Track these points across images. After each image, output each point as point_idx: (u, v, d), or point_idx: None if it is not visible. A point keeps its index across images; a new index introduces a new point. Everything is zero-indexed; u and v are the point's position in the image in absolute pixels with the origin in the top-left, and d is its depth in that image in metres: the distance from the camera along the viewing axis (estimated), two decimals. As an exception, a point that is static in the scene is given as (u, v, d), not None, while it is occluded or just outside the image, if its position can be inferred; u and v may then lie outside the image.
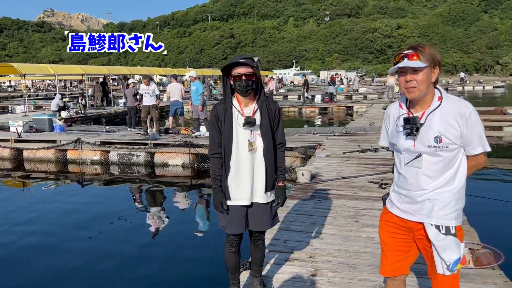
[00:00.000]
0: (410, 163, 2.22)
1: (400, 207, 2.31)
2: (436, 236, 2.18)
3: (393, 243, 2.37)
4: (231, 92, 3.01)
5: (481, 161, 2.21)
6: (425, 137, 2.15)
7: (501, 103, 27.95)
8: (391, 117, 2.35)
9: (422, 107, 2.20)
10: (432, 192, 2.18)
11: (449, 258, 2.17)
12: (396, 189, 2.36)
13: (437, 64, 2.13)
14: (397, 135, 2.28)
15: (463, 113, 2.10)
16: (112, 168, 11.02)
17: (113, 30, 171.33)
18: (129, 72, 24.62)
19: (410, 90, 2.13)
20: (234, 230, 3.06)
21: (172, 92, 12.90)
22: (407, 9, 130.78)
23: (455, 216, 2.20)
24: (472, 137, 2.11)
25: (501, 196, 7.18)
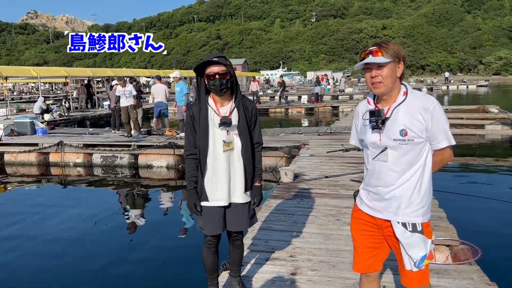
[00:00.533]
0: (377, 157, 2.24)
1: (369, 205, 2.32)
2: (402, 233, 2.20)
3: (364, 240, 2.38)
4: (206, 91, 2.98)
5: (446, 155, 2.22)
6: (391, 131, 2.17)
7: (484, 101, 28.35)
8: (360, 114, 2.38)
9: (388, 102, 2.22)
10: (399, 188, 2.20)
11: (416, 255, 2.19)
12: (365, 186, 2.38)
13: (401, 59, 2.17)
14: (365, 130, 2.30)
15: (428, 107, 2.13)
16: (95, 170, 10.90)
17: (98, 31, 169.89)
18: (113, 74, 24.34)
19: (376, 85, 2.16)
20: (212, 231, 3.03)
21: (156, 93, 12.81)
22: (392, 9, 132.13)
23: (422, 213, 2.21)
24: (437, 131, 2.14)
25: (480, 193, 7.28)
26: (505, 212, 6.51)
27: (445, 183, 7.97)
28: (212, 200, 2.97)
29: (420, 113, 2.13)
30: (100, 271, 5.14)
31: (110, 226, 6.88)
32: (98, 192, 9.37)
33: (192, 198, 2.98)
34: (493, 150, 12.80)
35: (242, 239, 3.26)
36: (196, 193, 2.98)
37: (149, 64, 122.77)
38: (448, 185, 7.69)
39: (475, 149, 12.61)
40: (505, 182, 9.07)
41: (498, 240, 5.57)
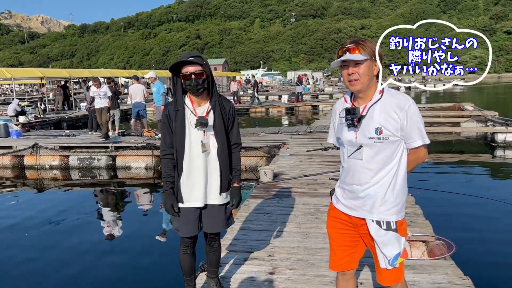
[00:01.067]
0: (352, 155, 2.24)
1: (345, 203, 2.33)
2: (377, 231, 2.21)
3: (341, 238, 2.38)
4: (183, 91, 2.94)
5: (421, 154, 2.23)
6: (366, 129, 2.17)
7: (460, 99, 28.96)
8: (337, 112, 2.38)
9: (364, 100, 2.23)
10: (374, 187, 2.20)
11: (390, 253, 2.21)
12: (341, 184, 2.38)
13: (378, 57, 2.18)
14: (341, 128, 2.30)
15: (403, 106, 2.13)
16: (72, 173, 10.69)
17: (75, 32, 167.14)
18: (91, 75, 23.92)
19: (352, 82, 2.16)
20: (188, 233, 2.99)
21: (134, 94, 12.65)
22: (370, 10, 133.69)
23: (396, 211, 2.22)
24: (411, 130, 2.14)
25: (456, 189, 7.42)
26: (479, 207, 6.65)
27: (421, 180, 8.10)
28: (188, 201, 2.93)
29: (395, 111, 2.13)
30: (75, 275, 5.03)
31: (87, 229, 6.76)
32: (75, 195, 9.19)
33: (169, 199, 2.93)
34: (469, 147, 13.07)
35: (219, 240, 3.23)
36: (173, 194, 2.94)
37: (128, 64, 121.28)
38: (424, 182, 7.82)
39: (451, 146, 12.86)
40: (479, 178, 9.28)
41: (472, 235, 5.68)
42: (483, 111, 15.66)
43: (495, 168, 10.26)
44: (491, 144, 12.15)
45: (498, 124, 13.03)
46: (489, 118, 14.32)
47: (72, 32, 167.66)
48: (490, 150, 11.94)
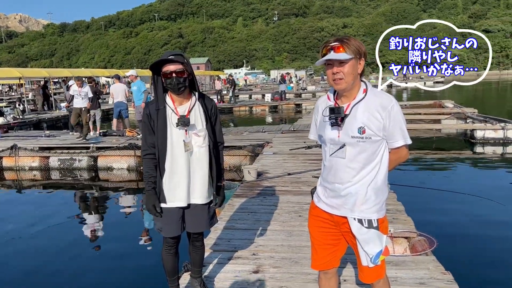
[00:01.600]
0: (335, 153, 2.24)
1: (326, 202, 2.33)
2: (359, 230, 2.22)
3: (322, 237, 2.38)
4: (164, 90, 2.90)
5: (402, 154, 2.25)
6: (349, 128, 2.17)
7: (440, 97, 29.43)
8: (319, 109, 2.36)
9: (348, 99, 2.22)
10: (355, 185, 2.21)
11: (372, 251, 2.22)
12: (322, 183, 2.38)
13: (363, 55, 2.16)
14: (324, 126, 2.29)
15: (386, 106, 2.14)
16: (52, 174, 10.50)
17: (54, 30, 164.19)
18: (71, 75, 23.49)
19: (337, 82, 2.14)
20: (171, 233, 2.96)
21: (116, 93, 12.49)
22: (352, 8, 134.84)
23: (377, 209, 2.24)
24: (394, 130, 2.15)
25: (437, 185, 7.54)
26: (459, 203, 6.77)
27: (403, 176, 8.20)
28: (170, 201, 2.90)
29: (378, 111, 2.14)
30: (55, 278, 4.94)
31: (68, 231, 6.64)
32: (55, 196, 9.03)
33: (151, 200, 2.90)
34: (449, 143, 13.30)
35: (202, 239, 3.21)
36: (155, 194, 2.90)
37: (109, 64, 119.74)
38: (406, 178, 7.91)
39: (432, 143, 13.06)
40: (459, 174, 9.45)
41: (453, 231, 5.78)
42: (463, 109, 15.96)
43: (474, 164, 10.46)
44: (471, 141, 12.39)
45: (478, 121, 13.29)
46: (469, 115, 14.60)
47: (51, 31, 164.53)
48: (469, 147, 12.17)
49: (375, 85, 13.09)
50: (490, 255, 5.08)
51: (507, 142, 11.85)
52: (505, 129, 11.90)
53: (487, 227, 5.97)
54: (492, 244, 5.41)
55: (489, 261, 4.94)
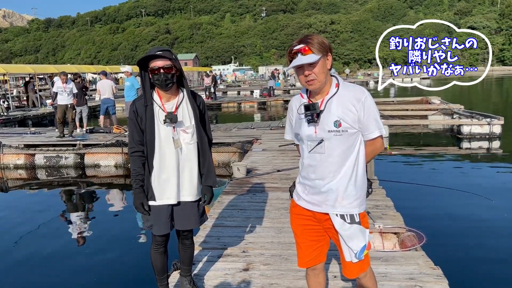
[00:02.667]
0: (314, 149, 2.24)
1: (307, 199, 2.32)
2: (341, 225, 2.22)
3: (306, 234, 2.38)
4: (151, 86, 2.85)
5: (378, 145, 2.27)
6: (325, 123, 2.18)
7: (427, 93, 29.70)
8: (293, 108, 2.36)
9: (321, 95, 2.23)
10: (335, 181, 2.21)
11: (356, 246, 2.23)
12: (301, 180, 2.37)
13: (328, 50, 2.16)
14: (300, 123, 2.29)
15: (359, 98, 2.16)
16: (38, 172, 10.34)
17: (39, 26, 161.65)
18: (56, 71, 23.12)
19: (310, 83, 2.15)
20: (161, 231, 2.92)
21: (103, 90, 12.33)
22: (339, 5, 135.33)
23: (358, 204, 2.25)
24: (368, 121, 2.17)
25: (425, 180, 7.60)
26: (447, 198, 6.84)
27: (391, 172, 8.25)
28: (160, 199, 2.86)
29: (352, 103, 2.15)
30: (42, 279, 4.86)
31: (55, 229, 6.54)
32: (41, 195, 8.88)
33: (139, 198, 2.86)
34: (436, 139, 13.43)
35: (192, 237, 3.18)
36: (143, 192, 2.86)
37: (95, 60, 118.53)
38: (395, 174, 7.95)
39: (420, 139, 13.17)
40: (446, 169, 9.54)
41: (441, 226, 5.83)
42: (449, 105, 16.12)
43: (462, 159, 10.57)
44: (458, 136, 12.52)
45: (464, 117, 13.45)
46: (455, 111, 14.76)
47: (36, 27, 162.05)
48: (456, 142, 12.30)
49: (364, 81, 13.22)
50: (479, 250, 5.14)
51: (492, 137, 12.02)
52: (491, 124, 12.07)
53: (475, 222, 6.04)
54: (480, 239, 5.47)
55: (477, 255, 4.99)
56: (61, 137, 11.07)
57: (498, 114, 12.87)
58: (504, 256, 4.96)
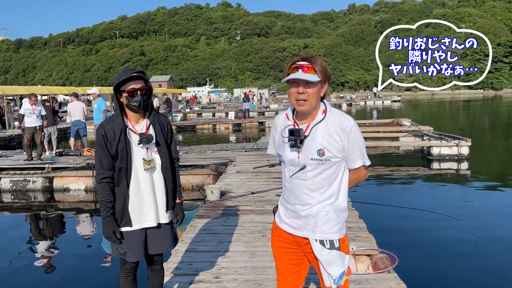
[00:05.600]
0: (295, 175, 2.21)
1: (288, 222, 2.30)
2: (320, 251, 2.20)
3: (285, 257, 2.35)
4: (120, 108, 2.82)
5: (362, 174, 2.25)
6: (309, 150, 2.15)
7: (398, 115, 30.50)
8: (278, 127, 2.33)
9: (307, 120, 2.20)
10: (316, 207, 2.19)
11: (335, 272, 2.20)
12: (283, 203, 2.35)
13: (328, 79, 2.15)
14: (283, 146, 2.26)
15: (345, 127, 2.14)
16: (4, 196, 9.93)
17: (9, 47, 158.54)
18: (26, 92, 22.59)
19: (300, 102, 2.12)
20: (135, 257, 2.83)
21: (73, 112, 12.10)
22: (312, 29, 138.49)
23: (338, 229, 2.23)
24: (353, 151, 2.16)
25: (396, 202, 7.70)
26: (418, 219, 6.93)
27: (364, 193, 8.33)
28: (137, 223, 2.79)
29: (337, 133, 2.13)
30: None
31: (19, 257, 6.25)
32: (6, 220, 8.52)
33: (110, 226, 2.75)
34: (407, 160, 13.71)
35: (162, 263, 3.10)
36: (114, 220, 2.77)
37: (68, 81, 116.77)
38: (367, 196, 8.04)
39: (391, 160, 13.41)
40: (418, 190, 9.72)
41: (413, 247, 5.89)
42: (419, 126, 16.55)
43: (432, 180, 10.80)
44: (428, 157, 12.82)
45: (433, 138, 13.79)
46: (425, 133, 15.14)
47: (6, 47, 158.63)
48: (427, 163, 12.58)
49: (338, 104, 13.48)
50: (450, 270, 5.20)
51: (461, 158, 12.35)
52: (459, 146, 12.41)
53: (446, 243, 6.13)
54: (451, 260, 5.54)
55: (448, 276, 5.04)
56: (29, 160, 10.72)
57: (465, 136, 13.28)
58: (475, 277, 5.04)
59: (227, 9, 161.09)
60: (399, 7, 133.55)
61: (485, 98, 68.42)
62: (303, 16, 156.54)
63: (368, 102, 56.94)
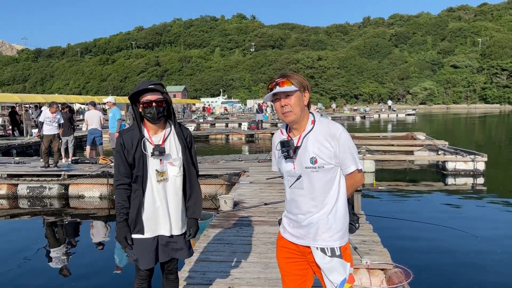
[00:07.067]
0: (293, 185, 2.30)
1: (291, 232, 2.36)
2: (322, 259, 2.24)
3: (290, 267, 2.39)
4: (141, 119, 2.87)
5: (357, 179, 2.31)
6: (302, 159, 2.25)
7: (412, 129, 30.25)
8: (275, 144, 2.44)
9: (298, 131, 2.31)
10: (316, 215, 2.25)
11: (336, 280, 2.23)
12: (286, 214, 2.42)
13: (306, 88, 2.27)
14: (281, 159, 2.36)
15: (334, 134, 2.22)
16: (21, 202, 10.10)
17: (28, 56, 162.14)
18: (44, 100, 23.06)
19: (286, 114, 2.24)
20: (146, 265, 2.87)
21: (90, 120, 12.30)
22: (326, 42, 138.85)
23: (340, 237, 2.27)
24: (345, 156, 2.23)
25: (411, 216, 7.61)
26: (434, 234, 6.84)
27: (378, 207, 8.27)
28: (149, 231, 2.83)
29: (327, 140, 2.22)
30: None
31: (36, 262, 6.33)
32: (23, 226, 8.66)
33: (123, 231, 2.82)
34: (422, 175, 13.55)
35: (176, 272, 3.12)
36: (126, 226, 2.82)
37: (84, 90, 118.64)
38: (381, 209, 7.98)
39: (406, 174, 13.28)
40: (433, 205, 9.59)
41: (428, 262, 5.80)
42: (434, 141, 16.37)
43: (447, 195, 10.65)
44: (443, 172, 12.66)
45: (448, 153, 13.63)
46: (440, 147, 14.97)
47: (25, 57, 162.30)
48: (442, 178, 12.42)
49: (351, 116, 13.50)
50: (466, 287, 5.10)
51: (477, 174, 12.17)
52: (475, 161, 12.25)
53: (462, 258, 6.03)
54: (467, 275, 5.45)
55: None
56: (46, 167, 10.90)
57: (481, 151, 13.10)
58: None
59: (241, 21, 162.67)
60: (414, 20, 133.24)
61: (502, 113, 67.45)
62: (317, 29, 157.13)
63: (382, 115, 56.63)
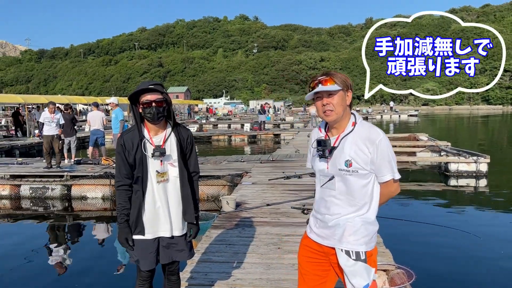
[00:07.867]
0: (325, 185, 2.26)
1: (317, 232, 2.32)
2: (346, 261, 2.19)
3: (310, 267, 2.36)
4: (141, 119, 2.87)
5: (392, 189, 2.25)
6: (337, 161, 2.20)
7: (414, 130, 30.20)
8: (311, 140, 2.40)
9: (338, 131, 2.26)
10: (344, 217, 2.20)
11: (358, 284, 2.18)
12: (314, 213, 2.39)
13: (350, 87, 2.22)
14: (315, 157, 2.33)
15: (373, 140, 2.15)
16: (23, 203, 10.13)
17: (31, 57, 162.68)
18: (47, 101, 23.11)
19: (327, 113, 2.18)
20: (147, 266, 2.87)
21: (93, 121, 12.32)
22: (329, 43, 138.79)
23: (366, 242, 2.22)
24: (381, 164, 2.16)
25: (413, 217, 7.59)
26: (436, 234, 6.82)
27: (380, 208, 8.23)
28: (150, 232, 2.83)
29: (366, 145, 2.15)
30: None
31: (38, 262, 6.35)
32: (25, 227, 8.67)
33: (124, 232, 2.82)
34: (424, 175, 13.53)
35: (178, 273, 3.11)
36: (128, 227, 2.83)
37: (87, 91, 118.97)
38: (383, 210, 7.93)
39: (408, 175, 13.26)
40: (435, 206, 9.57)
41: (430, 263, 5.79)
42: (437, 142, 16.33)
43: (450, 196, 10.63)
44: (445, 173, 12.63)
45: (451, 154, 13.59)
46: (443, 148, 14.93)
47: (28, 57, 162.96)
48: (444, 179, 12.39)
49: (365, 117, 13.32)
50: (467, 286, 5.09)
51: (479, 175, 12.14)
52: (478, 162, 12.21)
53: (465, 259, 6.02)
54: (469, 276, 5.44)
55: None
56: (48, 168, 10.92)
57: (484, 152, 13.06)
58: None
59: (244, 22, 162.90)
60: (417, 22, 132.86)
61: (504, 113, 67.25)
62: (320, 30, 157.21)
63: (385, 116, 56.54)
